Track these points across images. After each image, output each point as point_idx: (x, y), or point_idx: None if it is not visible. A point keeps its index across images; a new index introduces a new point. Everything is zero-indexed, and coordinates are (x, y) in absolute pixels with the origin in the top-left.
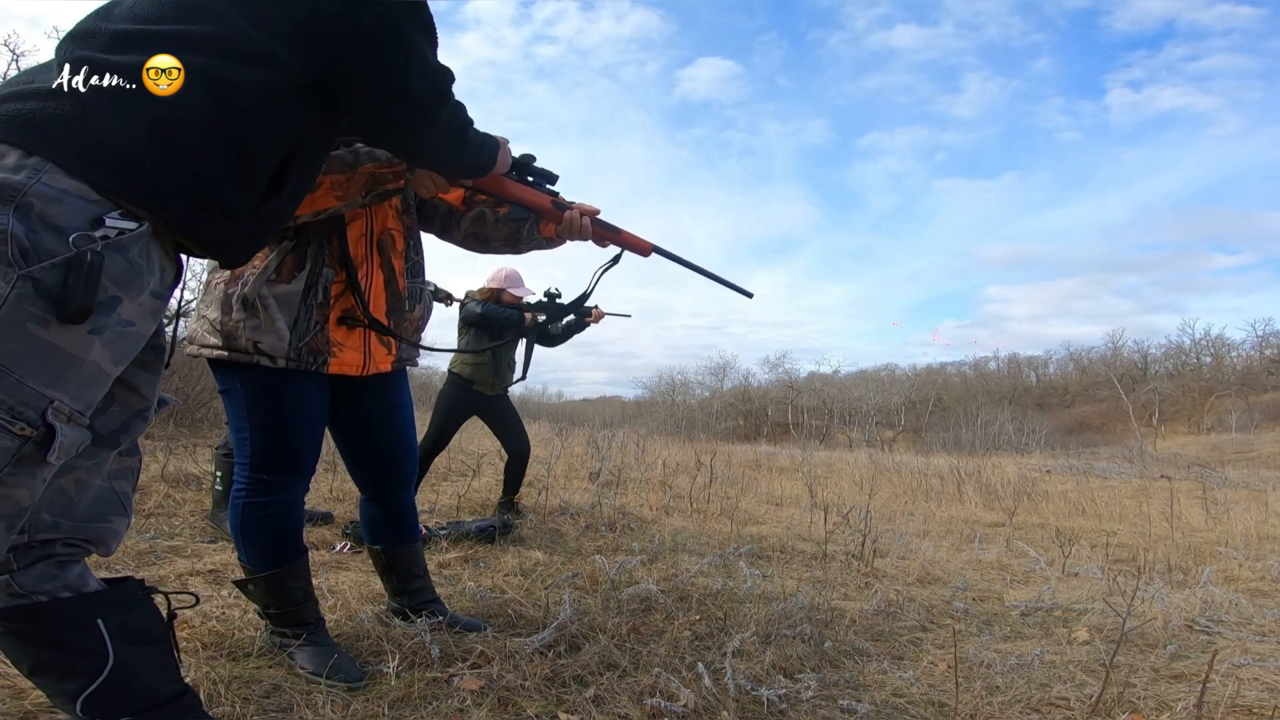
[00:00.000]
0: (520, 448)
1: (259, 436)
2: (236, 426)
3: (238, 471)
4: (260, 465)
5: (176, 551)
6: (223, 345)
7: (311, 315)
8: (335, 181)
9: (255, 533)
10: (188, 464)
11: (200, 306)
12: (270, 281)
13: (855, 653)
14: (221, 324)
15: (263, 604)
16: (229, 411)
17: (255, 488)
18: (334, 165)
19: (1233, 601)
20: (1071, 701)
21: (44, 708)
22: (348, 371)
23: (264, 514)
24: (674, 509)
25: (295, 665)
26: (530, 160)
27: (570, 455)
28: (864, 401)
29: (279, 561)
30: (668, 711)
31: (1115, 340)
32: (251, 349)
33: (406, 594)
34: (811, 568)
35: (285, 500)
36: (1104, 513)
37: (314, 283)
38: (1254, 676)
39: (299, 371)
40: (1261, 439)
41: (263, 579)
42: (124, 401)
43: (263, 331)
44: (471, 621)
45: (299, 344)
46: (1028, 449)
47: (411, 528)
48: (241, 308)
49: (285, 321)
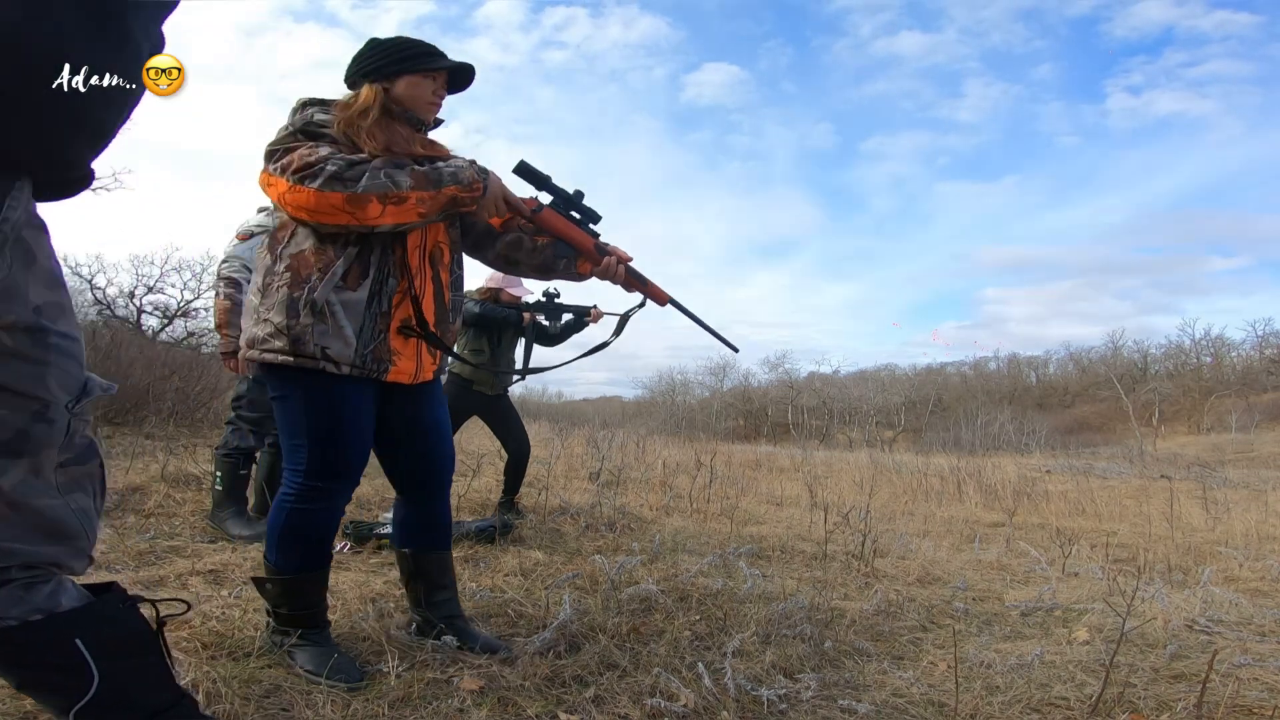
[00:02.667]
0: (520, 448)
1: (316, 443)
2: (290, 432)
3: (289, 477)
4: (315, 472)
5: (176, 551)
6: (289, 350)
7: (376, 323)
8: (421, 198)
9: (295, 538)
10: (188, 464)
11: (258, 309)
12: (338, 288)
13: (855, 653)
14: (288, 328)
15: (275, 603)
16: (283, 418)
17: (306, 494)
18: (421, 182)
19: (1233, 601)
20: (1071, 701)
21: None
22: (402, 380)
23: (309, 520)
24: (674, 509)
25: (295, 665)
26: (580, 197)
27: (570, 455)
28: (864, 401)
29: (308, 566)
30: (668, 711)
31: (1115, 340)
32: (319, 355)
33: (431, 605)
34: (811, 568)
35: (331, 508)
36: (1104, 513)
37: (378, 291)
38: (1254, 676)
39: (360, 379)
40: (1261, 439)
41: (285, 580)
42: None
43: (330, 337)
44: (492, 642)
45: (364, 351)
46: (1028, 449)
47: (444, 534)
48: (310, 312)
49: (352, 328)
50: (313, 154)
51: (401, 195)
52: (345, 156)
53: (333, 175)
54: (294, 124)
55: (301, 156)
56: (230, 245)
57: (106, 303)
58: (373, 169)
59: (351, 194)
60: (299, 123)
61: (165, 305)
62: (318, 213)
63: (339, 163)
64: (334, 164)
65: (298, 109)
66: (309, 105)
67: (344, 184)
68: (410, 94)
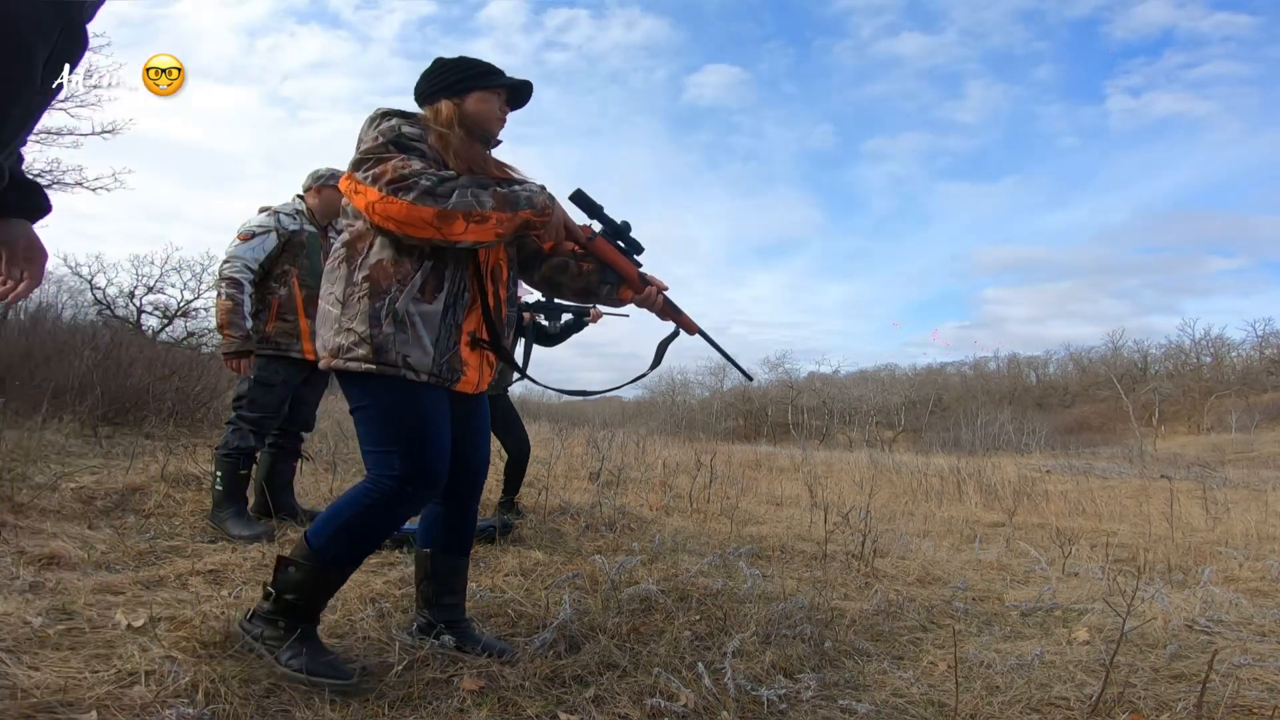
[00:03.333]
0: (520, 448)
1: (408, 449)
2: (377, 440)
3: (380, 480)
4: (410, 477)
5: (176, 551)
6: (372, 358)
7: (450, 335)
8: (500, 219)
9: (361, 534)
10: (188, 464)
11: (339, 319)
12: (416, 299)
13: (855, 653)
14: (371, 337)
15: (291, 589)
16: (366, 427)
17: (396, 498)
18: (501, 204)
19: (1233, 601)
20: (1071, 701)
21: (43, 708)
22: (467, 390)
23: (382, 522)
24: (674, 509)
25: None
26: (627, 228)
27: (570, 455)
28: (864, 401)
29: (349, 562)
30: (668, 711)
31: (1115, 340)
32: (400, 363)
33: (438, 607)
34: (811, 568)
35: (406, 515)
36: (1104, 513)
37: (452, 304)
38: (1254, 676)
39: (437, 387)
40: (1261, 439)
41: (318, 569)
42: None
43: (411, 346)
44: (494, 644)
45: (440, 361)
46: (1028, 449)
47: (467, 540)
48: (392, 322)
49: (429, 339)
50: (407, 166)
51: (484, 215)
52: (437, 173)
53: (426, 190)
54: (384, 134)
55: (396, 168)
56: (232, 245)
57: (106, 303)
58: (461, 187)
59: (442, 209)
60: (389, 134)
61: (165, 305)
62: (406, 224)
63: (432, 178)
64: (428, 179)
65: (379, 119)
66: (392, 116)
67: (435, 199)
68: (479, 109)
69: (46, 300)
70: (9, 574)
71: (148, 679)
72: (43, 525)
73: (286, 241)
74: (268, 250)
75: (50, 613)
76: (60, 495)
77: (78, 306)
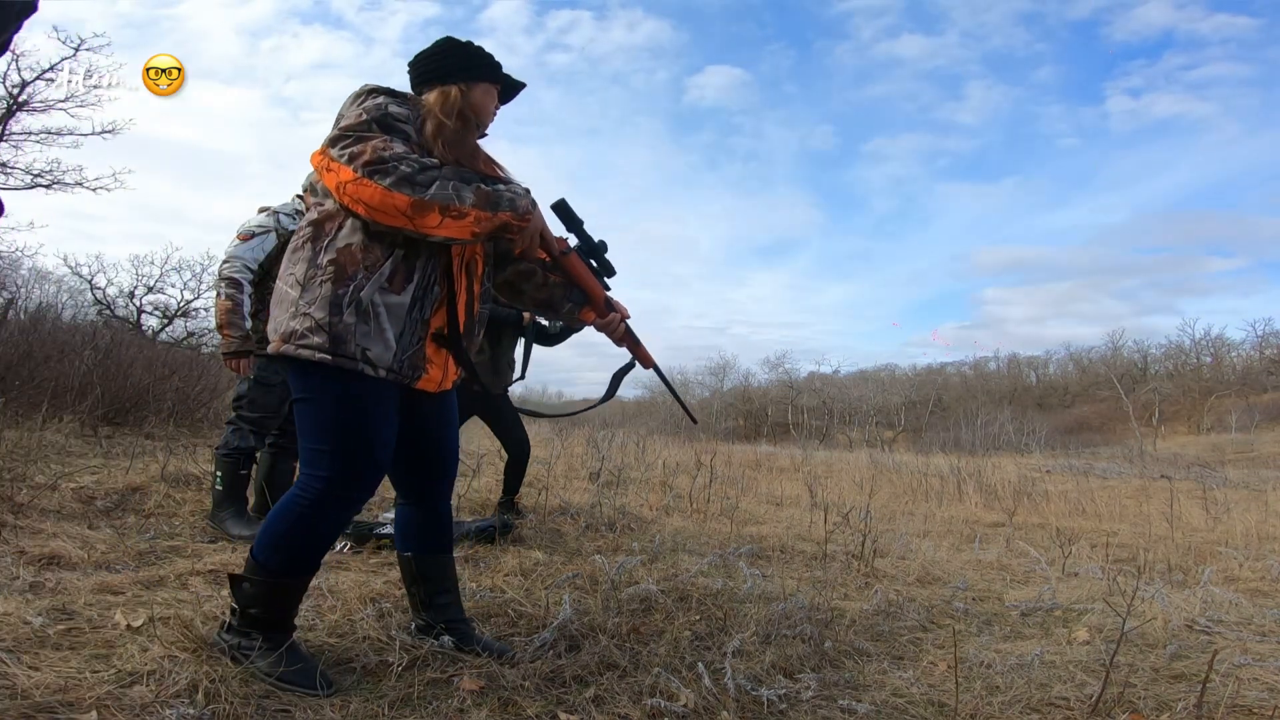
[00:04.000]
0: (520, 448)
1: (344, 449)
2: (314, 435)
3: (307, 481)
4: (338, 479)
5: (176, 551)
6: (328, 348)
7: (415, 330)
8: (479, 218)
9: (300, 542)
10: (188, 464)
11: (297, 302)
12: (383, 289)
13: (855, 653)
14: (330, 325)
15: (248, 603)
16: (306, 419)
17: (324, 501)
18: (482, 202)
19: (1233, 601)
20: (1071, 701)
21: (43, 708)
22: (429, 388)
23: (318, 527)
24: (674, 509)
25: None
26: (604, 248)
27: (570, 455)
28: (864, 401)
29: (300, 572)
30: (668, 711)
31: (1115, 340)
32: (359, 355)
33: (433, 608)
34: (811, 568)
35: (343, 519)
36: (1104, 513)
37: (420, 297)
38: (1254, 676)
39: (393, 384)
40: (1261, 439)
41: (269, 583)
42: None
43: (372, 339)
44: (494, 644)
45: (402, 356)
46: (1028, 449)
47: (445, 536)
48: (354, 311)
49: (393, 332)
50: (388, 149)
51: (462, 210)
52: (419, 159)
53: (405, 176)
54: (368, 111)
55: (375, 149)
56: (231, 245)
57: (106, 303)
58: (443, 178)
59: (418, 199)
60: (374, 111)
61: (165, 305)
62: (377, 210)
63: (413, 164)
64: (409, 165)
65: (364, 96)
66: (380, 93)
67: (413, 187)
68: (482, 101)
69: (46, 300)
70: (9, 574)
71: (148, 679)
72: (43, 525)
73: (286, 241)
74: (267, 250)
75: (50, 613)
76: (60, 495)
77: (78, 306)
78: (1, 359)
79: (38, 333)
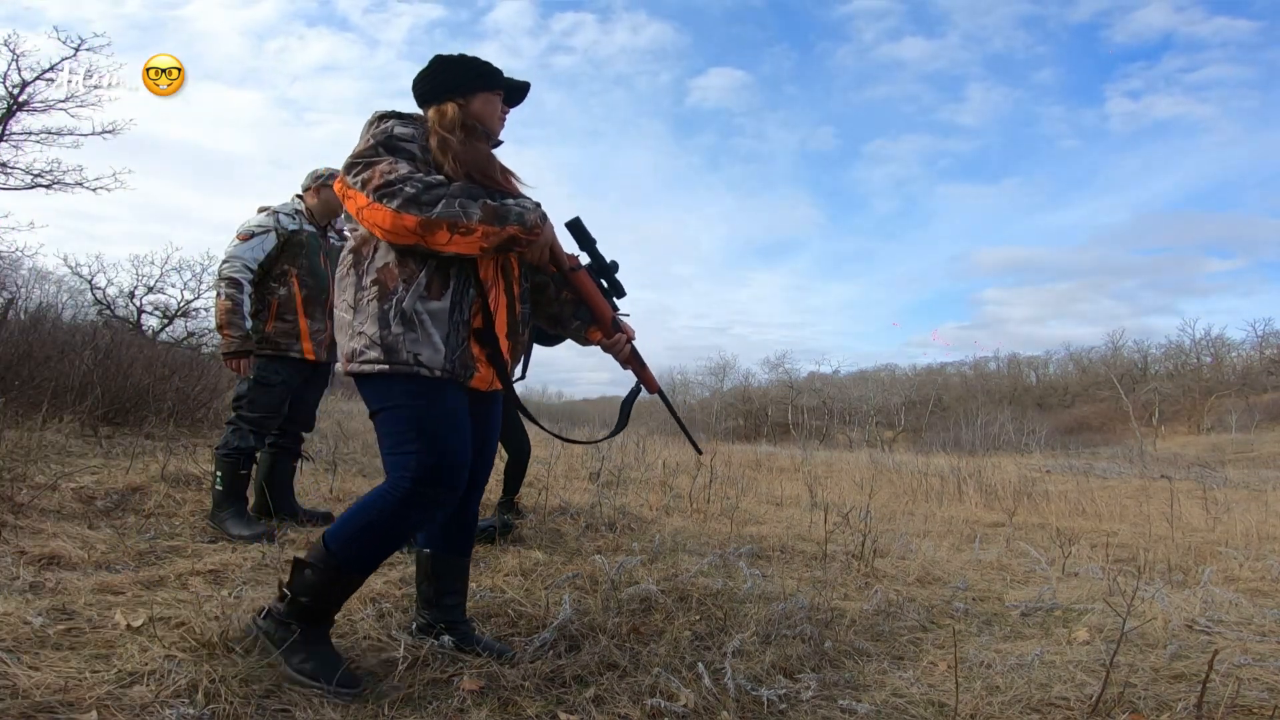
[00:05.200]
0: (520, 448)
1: (426, 447)
2: (396, 441)
3: (398, 482)
4: (426, 478)
5: (176, 551)
6: (384, 359)
7: (458, 331)
8: (486, 233)
9: (376, 538)
10: (188, 464)
11: (351, 325)
12: (423, 298)
13: (855, 653)
14: (381, 339)
15: (304, 592)
16: (386, 429)
17: (412, 500)
18: (489, 217)
19: (1233, 601)
20: (1071, 701)
21: (43, 708)
22: (480, 387)
23: (401, 526)
24: (674, 509)
25: (288, 664)
26: (615, 268)
27: (570, 455)
28: (864, 401)
29: (365, 568)
30: (668, 711)
31: (1115, 340)
32: (412, 361)
33: (439, 608)
34: (811, 568)
35: (427, 519)
36: (1104, 513)
37: (459, 301)
38: (1254, 676)
39: (452, 383)
40: (1261, 439)
41: (333, 573)
42: None
43: (421, 344)
44: (494, 645)
45: (452, 357)
46: (1028, 449)
47: (468, 539)
48: (400, 321)
49: (439, 336)
50: (393, 171)
51: (470, 227)
52: (424, 178)
53: (410, 198)
54: (375, 137)
55: (382, 174)
56: (231, 245)
57: (106, 303)
58: (449, 196)
59: (425, 219)
60: (380, 135)
61: (165, 305)
62: (391, 232)
63: (418, 185)
64: (413, 186)
65: (374, 122)
66: (387, 118)
67: (419, 207)
68: (485, 110)
69: (46, 300)
70: (9, 574)
71: (148, 679)
72: (43, 525)
73: (286, 241)
74: (267, 250)
75: (50, 613)
76: (60, 495)
77: (78, 306)
78: (1, 359)
79: (38, 333)
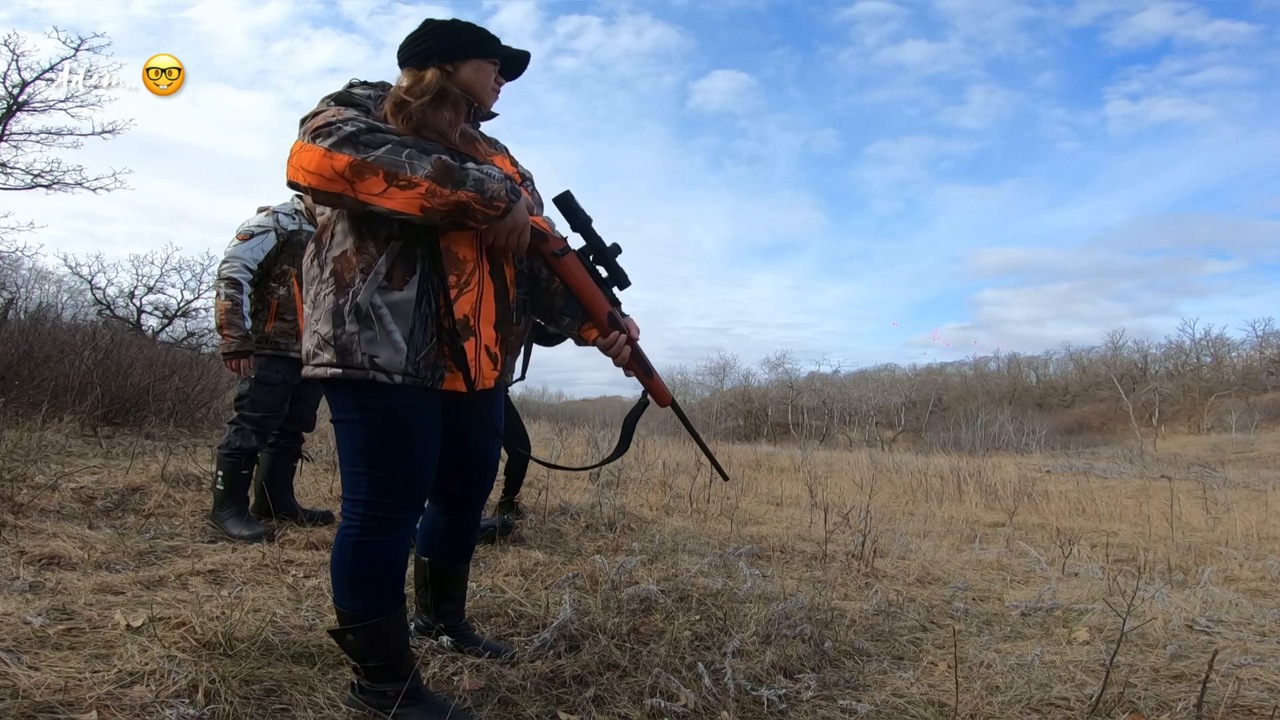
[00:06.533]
0: (520, 448)
1: (376, 464)
2: (350, 459)
3: (348, 508)
4: (379, 501)
5: (176, 551)
6: (337, 362)
7: (427, 326)
8: (431, 190)
9: (367, 576)
10: (188, 464)
11: (309, 322)
12: (382, 289)
13: (855, 653)
14: (334, 338)
15: (362, 656)
16: (343, 442)
17: (371, 525)
18: (440, 175)
19: (1233, 601)
20: (1071, 701)
21: (43, 708)
22: (459, 388)
23: (379, 554)
24: (674, 509)
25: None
26: (615, 252)
27: (570, 455)
28: (864, 401)
29: (387, 607)
30: (668, 711)
31: (1115, 340)
32: (367, 364)
33: (437, 612)
34: (811, 568)
35: (401, 538)
36: (1104, 513)
37: (427, 289)
38: (1254, 676)
39: (416, 389)
40: (1261, 439)
41: (367, 627)
42: None
43: (379, 345)
44: (494, 646)
45: (415, 358)
46: (1028, 449)
47: (468, 545)
48: (355, 319)
49: (401, 333)
50: (337, 115)
51: (413, 180)
52: (371, 122)
53: (348, 136)
54: (333, 95)
55: (325, 117)
56: (231, 245)
57: (106, 303)
58: (396, 143)
59: (360, 160)
60: (336, 93)
61: (165, 305)
62: (315, 174)
63: (360, 124)
64: (354, 125)
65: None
66: (354, 85)
67: (356, 147)
68: (475, 78)
69: (46, 300)
70: (9, 574)
71: (148, 679)
72: (43, 525)
73: (285, 241)
74: (266, 250)
75: (50, 613)
76: (60, 495)
77: (78, 306)
78: (1, 359)
79: (38, 333)
